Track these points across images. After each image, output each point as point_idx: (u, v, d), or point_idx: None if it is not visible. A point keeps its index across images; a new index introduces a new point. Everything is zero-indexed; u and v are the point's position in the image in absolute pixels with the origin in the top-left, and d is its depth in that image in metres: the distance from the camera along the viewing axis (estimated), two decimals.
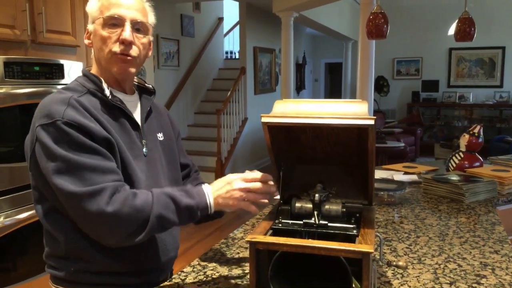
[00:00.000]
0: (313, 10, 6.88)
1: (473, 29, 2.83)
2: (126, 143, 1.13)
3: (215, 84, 8.29)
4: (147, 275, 1.18)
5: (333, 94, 13.09)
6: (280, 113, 1.02)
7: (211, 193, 1.08)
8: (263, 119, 1.01)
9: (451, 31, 3.91)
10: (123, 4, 1.12)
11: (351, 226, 1.03)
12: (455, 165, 2.44)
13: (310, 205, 1.07)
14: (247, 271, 1.24)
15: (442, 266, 1.27)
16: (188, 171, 1.43)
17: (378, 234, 1.08)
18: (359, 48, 4.88)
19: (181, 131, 1.47)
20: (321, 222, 1.04)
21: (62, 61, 2.51)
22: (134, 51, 1.13)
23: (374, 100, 6.05)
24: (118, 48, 1.11)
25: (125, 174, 1.10)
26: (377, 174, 2.23)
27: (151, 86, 1.30)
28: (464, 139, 2.43)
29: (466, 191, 1.95)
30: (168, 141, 1.31)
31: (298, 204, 1.09)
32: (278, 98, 1.20)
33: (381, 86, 9.91)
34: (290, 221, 1.07)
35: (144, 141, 1.20)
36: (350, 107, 0.99)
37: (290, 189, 1.17)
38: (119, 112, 1.15)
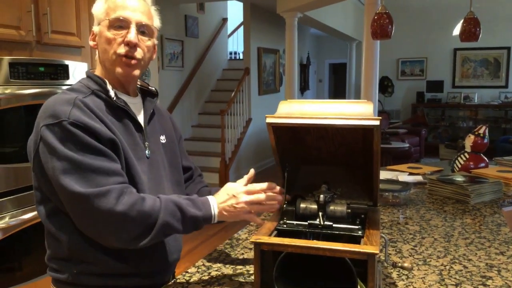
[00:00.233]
0: (317, 10, 6.87)
1: (478, 29, 2.82)
2: (129, 145, 1.13)
3: (219, 85, 8.30)
4: (149, 277, 1.18)
5: (337, 94, 13.07)
6: (285, 113, 1.02)
7: (216, 205, 1.11)
8: (268, 120, 1.01)
9: (456, 31, 3.89)
10: (128, 7, 1.13)
11: (356, 227, 1.02)
12: (460, 166, 2.43)
13: (315, 206, 1.07)
14: (251, 272, 1.23)
15: (447, 267, 1.26)
16: (190, 174, 1.44)
17: (383, 235, 1.07)
18: (363, 48, 4.87)
19: (185, 132, 1.47)
20: (326, 223, 1.03)
21: (67, 62, 2.52)
22: (138, 54, 1.14)
23: (378, 100, 6.03)
24: (123, 50, 1.12)
25: (129, 175, 1.10)
26: (381, 174, 2.22)
27: (154, 89, 1.31)
28: (470, 139, 2.42)
29: (471, 192, 1.94)
30: (170, 143, 1.32)
31: (302, 205, 1.09)
32: (282, 99, 1.20)
33: (385, 86, 9.88)
34: (295, 222, 1.07)
35: (147, 143, 1.20)
36: (355, 108, 0.99)
37: (295, 189, 1.17)
38: (123, 114, 1.16)
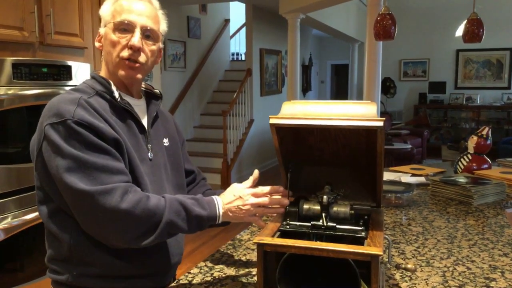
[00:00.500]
0: (319, 11, 6.87)
1: (481, 30, 2.81)
2: (133, 146, 1.13)
3: (221, 86, 8.30)
4: (149, 279, 1.18)
5: (339, 95, 13.07)
6: (288, 114, 1.01)
7: (221, 205, 1.10)
8: (271, 121, 1.01)
9: (459, 32, 3.88)
10: (134, 10, 1.13)
11: (359, 228, 1.02)
12: (463, 167, 2.42)
13: (318, 207, 1.07)
14: (254, 273, 1.23)
15: (451, 269, 1.26)
16: (193, 177, 1.43)
17: (386, 236, 1.07)
18: (366, 49, 4.86)
19: (187, 133, 1.48)
20: (329, 224, 1.03)
21: (69, 63, 2.52)
22: (142, 58, 1.14)
23: (380, 101, 6.02)
24: (126, 53, 1.12)
25: (132, 177, 1.10)
26: (384, 176, 2.22)
27: (158, 91, 1.31)
28: (473, 141, 2.41)
29: (474, 193, 1.94)
30: (173, 146, 1.32)
31: (306, 206, 1.08)
32: (284, 100, 1.20)
33: (387, 87, 9.87)
34: (298, 223, 1.06)
35: (149, 145, 1.20)
36: (358, 109, 0.98)
37: (298, 190, 1.16)
38: (127, 115, 1.16)
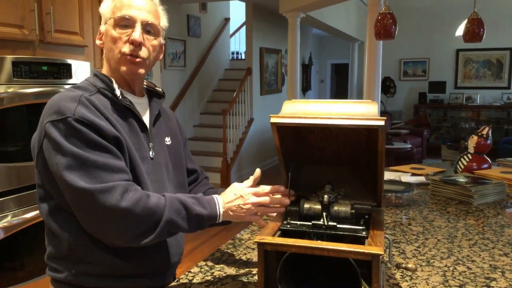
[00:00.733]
0: (319, 10, 6.86)
1: (482, 29, 2.81)
2: (134, 144, 1.13)
3: (221, 85, 8.30)
4: (149, 278, 1.17)
5: (339, 95, 13.07)
6: (289, 113, 1.01)
7: (222, 204, 1.10)
8: (272, 120, 1.01)
9: (459, 31, 3.89)
10: (134, 5, 1.13)
11: (360, 227, 1.02)
12: (463, 166, 2.43)
13: (319, 206, 1.06)
14: (254, 272, 1.23)
15: (451, 268, 1.26)
16: (195, 176, 1.43)
17: (386, 236, 1.07)
18: (366, 48, 4.86)
19: (187, 131, 1.47)
20: (330, 223, 1.03)
21: (69, 61, 2.52)
22: (143, 53, 1.13)
23: (380, 101, 6.02)
24: (127, 48, 1.12)
25: (132, 175, 1.09)
26: (384, 175, 2.22)
27: (160, 90, 1.30)
28: (473, 140, 2.42)
29: (474, 193, 1.94)
30: (175, 145, 1.31)
31: (306, 205, 1.08)
32: (284, 99, 1.19)
33: (387, 87, 9.87)
34: (299, 222, 1.06)
35: (151, 144, 1.20)
36: (359, 108, 0.98)
37: (299, 189, 1.16)
38: (129, 113, 1.15)
